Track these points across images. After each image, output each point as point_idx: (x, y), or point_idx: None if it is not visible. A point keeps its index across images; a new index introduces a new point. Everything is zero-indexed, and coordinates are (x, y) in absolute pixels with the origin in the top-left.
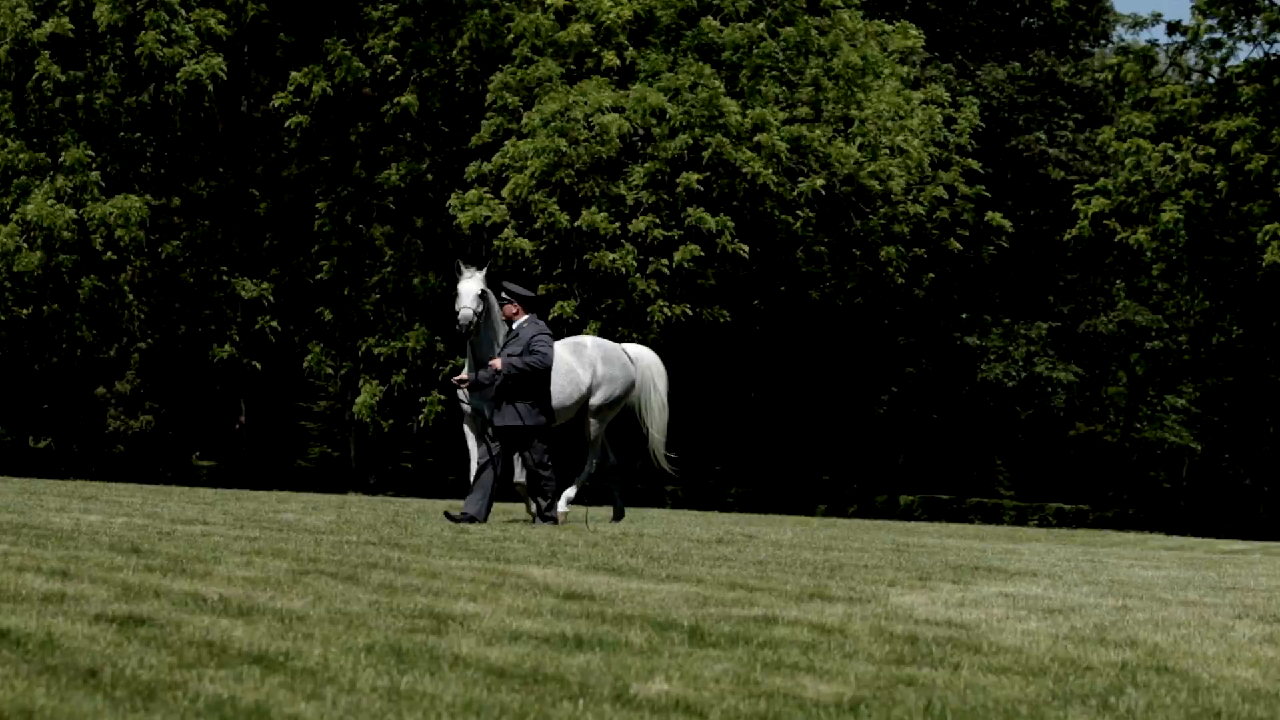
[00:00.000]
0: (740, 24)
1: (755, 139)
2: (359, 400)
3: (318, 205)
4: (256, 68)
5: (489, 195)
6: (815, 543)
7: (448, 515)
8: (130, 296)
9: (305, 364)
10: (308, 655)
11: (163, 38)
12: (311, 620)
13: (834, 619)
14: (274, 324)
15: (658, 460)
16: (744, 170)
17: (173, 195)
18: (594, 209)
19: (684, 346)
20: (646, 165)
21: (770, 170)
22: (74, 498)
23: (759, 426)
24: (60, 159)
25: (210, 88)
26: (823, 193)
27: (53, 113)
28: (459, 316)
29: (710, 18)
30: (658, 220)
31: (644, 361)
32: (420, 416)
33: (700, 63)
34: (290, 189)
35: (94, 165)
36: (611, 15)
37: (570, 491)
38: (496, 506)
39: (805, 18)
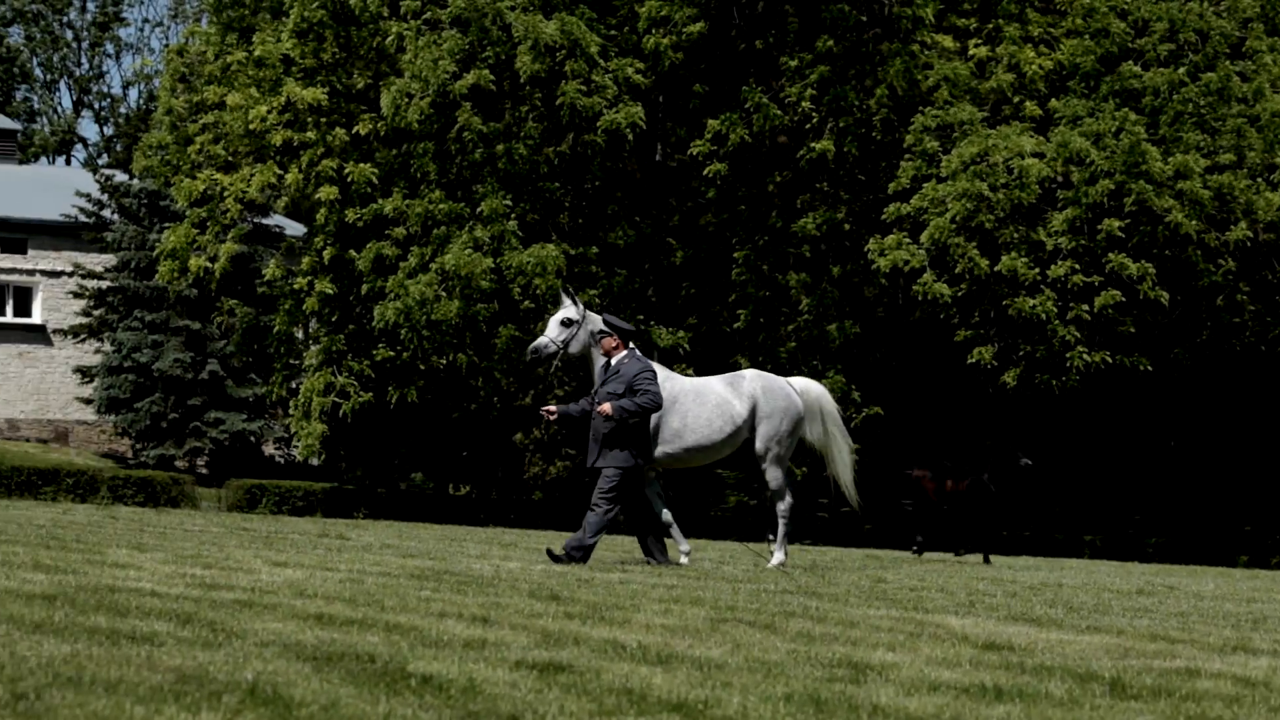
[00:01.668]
0: (1161, 69)
1: (1177, 187)
2: None
3: (735, 254)
4: (671, 117)
5: (907, 240)
6: (1238, 594)
7: (549, 553)
8: None
9: None
10: (727, 704)
11: (583, 88)
12: (730, 668)
13: (1258, 672)
14: (689, 372)
15: (848, 497)
16: (1166, 219)
17: (589, 244)
18: (1014, 254)
19: (1103, 394)
20: (1067, 211)
21: (1193, 220)
22: (493, 544)
23: (1179, 476)
24: (479, 209)
25: (629, 137)
26: (1248, 244)
27: (473, 163)
28: (531, 345)
29: (1130, 63)
30: (1077, 266)
31: (812, 394)
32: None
33: (1123, 108)
34: (707, 238)
35: (512, 215)
36: (1034, 66)
37: (781, 550)
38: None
39: (1226, 63)
